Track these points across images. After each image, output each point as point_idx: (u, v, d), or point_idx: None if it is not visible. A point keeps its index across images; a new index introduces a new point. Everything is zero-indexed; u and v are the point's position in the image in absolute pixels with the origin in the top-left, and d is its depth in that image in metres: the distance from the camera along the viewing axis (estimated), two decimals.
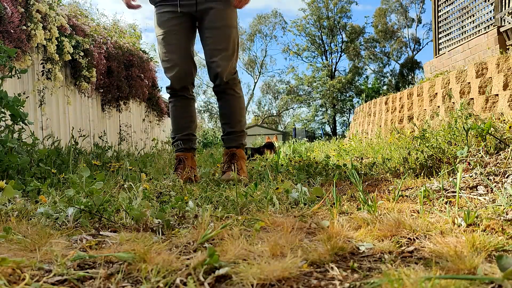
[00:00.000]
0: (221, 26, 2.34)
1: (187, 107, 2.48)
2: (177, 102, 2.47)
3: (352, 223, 1.06)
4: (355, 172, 1.43)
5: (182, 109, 2.48)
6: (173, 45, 2.35)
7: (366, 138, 5.96)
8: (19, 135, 2.27)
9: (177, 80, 2.39)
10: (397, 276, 0.65)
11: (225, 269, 0.72)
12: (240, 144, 2.53)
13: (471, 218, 1.01)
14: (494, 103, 3.71)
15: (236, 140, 2.51)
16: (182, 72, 2.37)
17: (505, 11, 5.97)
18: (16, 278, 0.72)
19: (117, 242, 0.96)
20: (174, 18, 2.35)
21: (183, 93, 2.44)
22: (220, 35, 2.34)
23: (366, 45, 38.61)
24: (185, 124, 2.48)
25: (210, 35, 2.35)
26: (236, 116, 2.52)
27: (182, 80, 2.40)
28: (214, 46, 2.35)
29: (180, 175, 2.30)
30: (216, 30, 2.34)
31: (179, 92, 2.43)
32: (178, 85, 2.40)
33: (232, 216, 1.26)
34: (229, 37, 2.36)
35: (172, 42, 2.35)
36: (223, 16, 2.34)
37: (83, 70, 4.71)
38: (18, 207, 1.28)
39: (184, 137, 2.46)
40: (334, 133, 34.04)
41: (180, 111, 2.48)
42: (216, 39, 2.34)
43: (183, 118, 2.48)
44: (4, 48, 2.28)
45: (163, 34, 2.36)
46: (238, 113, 2.52)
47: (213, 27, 2.33)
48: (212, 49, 2.36)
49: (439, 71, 6.99)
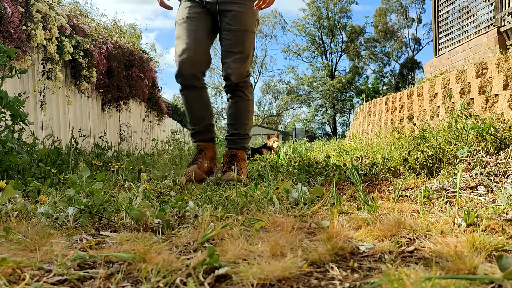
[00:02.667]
0: (238, 30, 2.35)
1: (200, 97, 2.40)
2: (188, 94, 2.38)
3: (352, 223, 1.06)
4: (355, 172, 1.43)
5: (195, 100, 2.40)
6: (191, 30, 2.31)
7: (366, 138, 5.97)
8: (19, 135, 2.27)
9: (186, 65, 2.27)
10: (397, 276, 0.65)
11: (225, 269, 0.72)
12: (242, 147, 2.52)
13: (471, 218, 1.01)
14: (494, 103, 3.71)
15: (238, 142, 2.51)
16: (193, 56, 2.28)
17: (505, 11, 5.97)
18: (16, 278, 0.72)
19: (117, 242, 0.96)
20: (197, 8, 2.35)
21: (193, 82, 2.33)
22: (235, 38, 2.35)
23: (366, 45, 38.62)
24: (201, 115, 2.42)
25: (226, 36, 2.37)
26: (241, 119, 2.52)
27: (192, 66, 2.29)
28: (228, 48, 2.36)
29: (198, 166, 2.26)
30: (232, 33, 2.35)
31: (188, 81, 2.33)
32: (187, 70, 2.28)
33: (232, 216, 1.26)
34: (244, 41, 2.37)
35: (189, 28, 2.31)
36: (241, 20, 2.35)
37: (83, 70, 4.71)
38: (18, 207, 1.28)
39: (202, 129, 2.43)
40: (334, 133, 34.04)
41: (193, 103, 2.40)
42: (231, 42, 2.36)
43: (197, 109, 2.42)
44: (4, 48, 2.28)
45: (183, 19, 2.34)
46: (244, 116, 2.52)
47: (230, 29, 2.35)
48: (226, 51, 2.37)
49: (439, 71, 6.99)
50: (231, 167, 2.38)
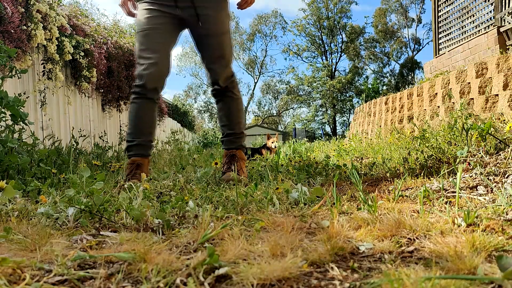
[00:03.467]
0: (218, 34, 2.34)
1: (152, 112, 2.36)
2: (143, 104, 2.31)
3: (352, 223, 1.06)
4: (355, 172, 1.43)
5: (147, 113, 2.34)
6: (157, 43, 2.27)
7: (366, 138, 5.97)
8: (20, 135, 2.27)
9: (153, 80, 2.26)
10: (397, 276, 0.65)
11: (225, 269, 0.72)
12: (240, 146, 2.52)
13: (471, 218, 1.01)
14: (494, 103, 3.72)
15: (235, 142, 2.51)
16: (159, 72, 2.27)
17: (505, 11, 5.97)
18: (17, 278, 0.72)
19: (117, 242, 0.96)
20: (163, 17, 2.28)
21: (152, 95, 2.31)
22: (217, 43, 2.35)
23: (366, 45, 38.63)
24: (148, 130, 2.35)
25: (207, 42, 2.35)
26: (235, 118, 2.51)
27: (157, 81, 2.28)
28: (212, 53, 2.35)
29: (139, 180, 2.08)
30: (213, 38, 2.34)
31: (148, 94, 2.29)
32: (152, 85, 2.27)
33: (232, 216, 1.26)
34: (224, 44, 2.37)
35: (154, 40, 2.27)
36: (219, 24, 2.34)
37: (83, 70, 4.71)
38: (19, 207, 1.28)
39: (145, 143, 2.33)
40: (334, 133, 34.05)
41: (144, 114, 2.33)
42: (214, 47, 2.35)
43: (147, 122, 2.35)
44: (5, 48, 2.28)
45: (148, 29, 2.27)
46: (236, 115, 2.51)
47: (210, 34, 2.33)
48: (210, 56, 2.36)
49: (439, 71, 6.99)
50: (230, 167, 2.38)
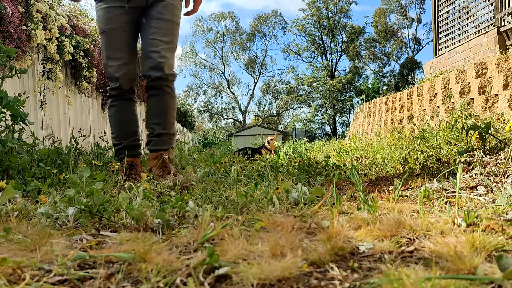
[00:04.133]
0: (169, 20, 2.27)
1: (133, 111, 2.33)
2: (123, 105, 2.28)
3: (352, 223, 1.06)
4: (355, 172, 1.43)
5: (128, 113, 2.30)
6: (123, 42, 2.23)
7: (366, 138, 5.97)
8: (20, 135, 2.27)
9: (127, 80, 2.23)
10: (397, 276, 0.65)
11: (225, 269, 0.72)
12: (171, 147, 2.31)
13: (471, 218, 1.01)
14: (494, 103, 3.72)
15: (168, 142, 2.29)
16: (131, 71, 2.24)
17: (505, 11, 5.97)
18: (17, 278, 0.72)
19: (117, 242, 0.96)
20: (123, 15, 2.23)
21: (130, 95, 2.28)
22: (167, 28, 2.26)
23: (366, 45, 38.63)
24: (133, 130, 2.32)
25: (156, 25, 2.24)
26: (170, 117, 2.32)
27: (131, 80, 2.26)
28: (159, 37, 2.22)
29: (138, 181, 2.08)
30: (164, 22, 2.25)
31: (126, 94, 2.26)
32: (128, 85, 2.24)
33: (232, 216, 1.26)
34: (174, 32, 2.30)
35: (121, 39, 2.23)
36: (172, 11, 2.28)
37: (83, 70, 4.71)
38: (19, 207, 1.28)
39: (133, 143, 2.30)
40: (334, 133, 34.04)
41: (126, 116, 2.30)
42: (163, 31, 2.24)
43: (130, 123, 2.32)
44: (4, 48, 2.28)
45: (110, 30, 2.22)
46: (172, 114, 2.33)
47: (161, 18, 2.24)
48: (157, 39, 2.22)
49: (439, 71, 6.99)
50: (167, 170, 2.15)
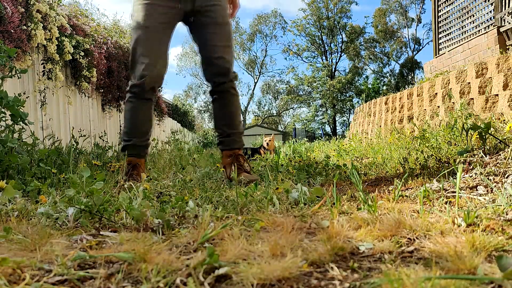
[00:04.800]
0: (222, 23, 2.31)
1: (150, 111, 2.32)
2: (141, 105, 2.28)
3: (352, 223, 1.06)
4: (355, 172, 1.43)
5: (145, 113, 2.30)
6: (159, 42, 2.22)
7: (366, 138, 5.97)
8: (20, 135, 2.27)
9: (152, 80, 2.22)
10: (397, 276, 0.65)
11: (225, 269, 0.72)
12: (242, 145, 2.46)
13: (471, 218, 1.01)
14: (494, 103, 3.71)
15: (238, 141, 2.41)
16: (159, 72, 2.24)
17: (505, 11, 5.97)
18: (17, 278, 0.72)
19: (117, 242, 0.96)
20: (168, 15, 2.23)
21: (150, 95, 2.27)
22: (223, 31, 2.31)
23: (366, 45, 38.63)
24: (146, 130, 2.33)
25: (213, 31, 2.29)
26: (237, 117, 2.43)
27: (156, 81, 2.25)
28: (219, 43, 2.29)
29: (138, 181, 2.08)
30: (219, 27, 2.30)
31: (146, 94, 2.25)
32: (151, 85, 2.23)
33: (232, 216, 1.26)
34: (230, 33, 2.36)
35: (158, 39, 2.22)
36: (222, 13, 2.32)
37: (83, 70, 4.71)
38: (19, 207, 1.28)
39: (142, 143, 2.31)
40: (334, 133, 34.04)
41: (142, 115, 2.30)
42: (220, 36, 2.30)
43: (145, 122, 2.32)
44: (4, 48, 2.28)
45: (150, 26, 2.19)
46: (238, 113, 2.45)
47: (218, 23, 2.29)
48: (218, 45, 2.29)
49: (439, 71, 6.99)
50: (240, 169, 2.29)
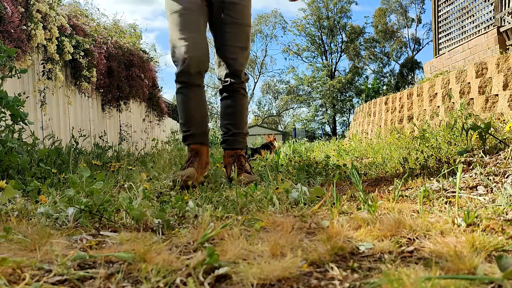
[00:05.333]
0: (244, 24, 2.24)
1: (202, 98, 2.21)
2: (191, 93, 2.14)
3: (352, 223, 1.06)
4: (355, 172, 1.43)
5: (198, 100, 2.18)
6: (194, 22, 2.10)
7: (366, 138, 5.97)
8: (19, 135, 2.27)
9: (196, 62, 2.07)
10: (397, 276, 0.65)
11: (225, 269, 0.72)
12: (245, 146, 2.43)
13: (471, 218, 1.01)
14: (494, 103, 3.71)
15: (242, 142, 2.38)
16: (203, 52, 2.09)
17: (505, 11, 5.97)
18: (16, 278, 0.72)
19: (117, 242, 0.96)
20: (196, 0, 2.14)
21: (198, 81, 2.13)
22: (242, 32, 2.24)
23: (366, 45, 38.63)
24: (201, 116, 2.22)
25: (231, 30, 2.22)
26: (243, 117, 2.39)
27: (200, 63, 2.09)
28: (236, 43, 2.22)
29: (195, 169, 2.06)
30: (239, 27, 2.23)
31: (193, 80, 2.10)
32: (196, 68, 2.08)
33: (232, 216, 1.26)
34: (248, 35, 2.29)
35: (192, 19, 2.09)
36: (246, 14, 2.25)
37: (83, 70, 4.71)
38: (18, 207, 1.28)
39: (200, 131, 2.21)
40: (334, 133, 34.05)
41: (195, 102, 2.17)
42: (237, 36, 2.23)
43: (199, 111, 2.20)
44: (4, 48, 2.28)
45: (181, 10, 2.09)
46: (245, 114, 2.41)
47: (236, 23, 2.21)
48: (234, 46, 2.23)
49: (439, 71, 6.99)
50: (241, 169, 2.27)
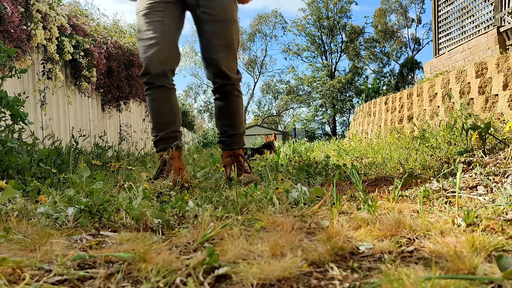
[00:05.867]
0: (224, 20, 2.13)
1: (169, 100, 2.13)
2: (156, 95, 2.10)
3: (352, 223, 1.06)
4: (355, 172, 1.43)
5: (163, 103, 2.12)
6: (157, 22, 2.05)
7: (366, 138, 5.97)
8: (19, 135, 2.27)
9: (156, 62, 2.02)
10: (397, 276, 0.65)
11: (225, 269, 0.72)
12: (243, 145, 2.41)
13: (471, 218, 1.01)
14: (494, 103, 3.72)
15: (239, 142, 2.37)
16: (162, 52, 2.03)
17: (505, 11, 5.97)
18: (16, 278, 0.72)
19: (117, 242, 0.96)
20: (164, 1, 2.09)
21: (162, 82, 2.07)
22: (223, 29, 2.14)
23: (366, 45, 38.65)
24: (169, 120, 2.15)
25: (210, 29, 2.13)
26: (239, 117, 2.35)
27: (161, 63, 2.04)
28: (216, 42, 2.13)
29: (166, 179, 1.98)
30: (218, 24, 2.13)
31: (157, 81, 2.06)
32: (156, 68, 2.03)
33: (232, 216, 1.26)
34: (232, 31, 2.17)
35: (156, 19, 2.05)
36: (225, 8, 2.13)
37: (83, 70, 4.71)
38: (18, 207, 1.28)
39: (168, 135, 2.14)
40: (334, 133, 34.06)
41: (161, 105, 2.13)
42: (219, 34, 2.13)
43: (165, 113, 2.15)
44: (4, 48, 2.28)
45: (146, 9, 2.07)
46: (240, 114, 2.36)
47: (216, 20, 2.12)
48: (215, 45, 2.13)
49: (439, 71, 6.99)
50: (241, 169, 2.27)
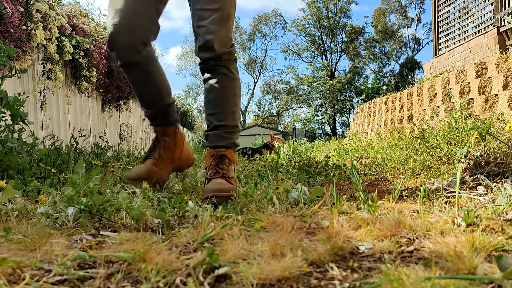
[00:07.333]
0: None
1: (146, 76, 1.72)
2: (129, 71, 1.71)
3: (352, 223, 1.06)
4: (355, 172, 1.43)
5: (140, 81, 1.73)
6: None
7: (366, 138, 5.97)
8: (19, 135, 2.27)
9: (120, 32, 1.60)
10: (397, 276, 0.65)
11: (225, 269, 0.72)
12: (232, 143, 1.77)
13: (471, 218, 1.01)
14: (494, 103, 3.72)
15: (226, 138, 1.76)
16: (128, 20, 1.60)
17: (505, 11, 5.97)
18: (16, 278, 0.72)
19: (117, 242, 0.96)
20: None
21: (130, 56, 1.65)
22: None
23: (365, 45, 38.67)
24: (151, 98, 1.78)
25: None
26: (228, 105, 1.78)
27: (128, 33, 1.61)
28: (203, 6, 1.69)
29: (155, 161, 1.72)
30: None
31: (124, 55, 1.65)
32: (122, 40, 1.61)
33: (232, 215, 1.26)
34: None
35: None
36: None
37: (83, 70, 4.71)
38: (18, 207, 1.28)
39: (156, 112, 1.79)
40: (334, 133, 34.07)
41: (138, 83, 1.75)
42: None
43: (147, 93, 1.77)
44: (4, 48, 2.28)
45: None
46: (231, 101, 1.79)
47: None
48: (200, 9, 1.70)
49: (439, 71, 6.99)
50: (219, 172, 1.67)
